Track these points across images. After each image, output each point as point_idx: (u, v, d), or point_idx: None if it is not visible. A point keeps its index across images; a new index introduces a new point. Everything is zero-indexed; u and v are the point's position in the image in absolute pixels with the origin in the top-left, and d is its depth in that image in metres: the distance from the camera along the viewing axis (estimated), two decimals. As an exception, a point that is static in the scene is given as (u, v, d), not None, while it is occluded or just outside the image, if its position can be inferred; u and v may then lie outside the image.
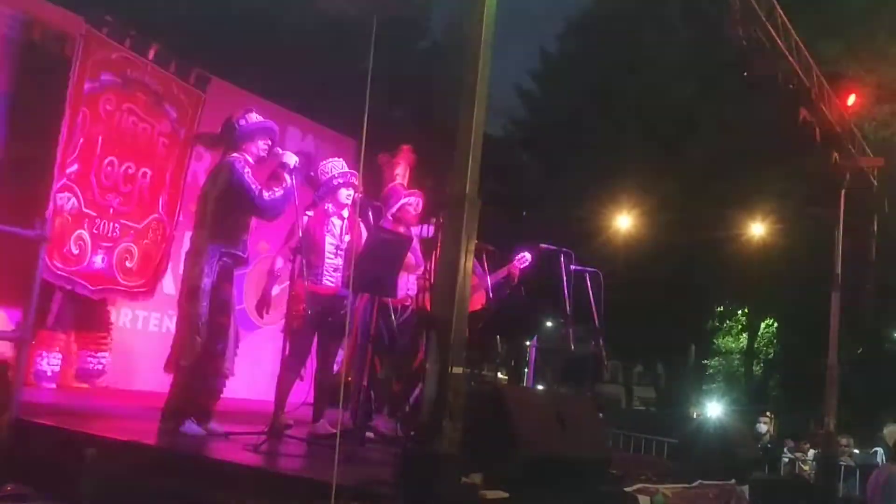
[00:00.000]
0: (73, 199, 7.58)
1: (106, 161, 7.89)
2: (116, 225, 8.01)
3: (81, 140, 7.61)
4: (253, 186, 5.20)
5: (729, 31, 6.84)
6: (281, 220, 5.60)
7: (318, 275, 5.63)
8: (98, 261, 7.85)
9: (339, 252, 5.73)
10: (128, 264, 8.12)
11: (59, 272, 7.49)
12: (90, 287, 7.81)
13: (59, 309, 7.74)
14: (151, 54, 8.14)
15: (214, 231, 5.19)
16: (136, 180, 8.17)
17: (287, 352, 5.49)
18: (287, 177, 5.28)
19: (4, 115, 7.32)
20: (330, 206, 5.77)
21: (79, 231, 7.67)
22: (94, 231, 7.84)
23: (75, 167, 7.58)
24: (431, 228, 4.02)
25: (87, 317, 7.95)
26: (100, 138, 7.79)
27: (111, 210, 7.97)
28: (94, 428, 4.91)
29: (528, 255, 6.99)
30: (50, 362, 7.57)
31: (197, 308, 5.09)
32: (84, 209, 7.70)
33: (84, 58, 7.50)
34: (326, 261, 5.66)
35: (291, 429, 5.35)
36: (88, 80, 7.58)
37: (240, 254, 5.33)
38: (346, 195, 5.77)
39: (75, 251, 7.63)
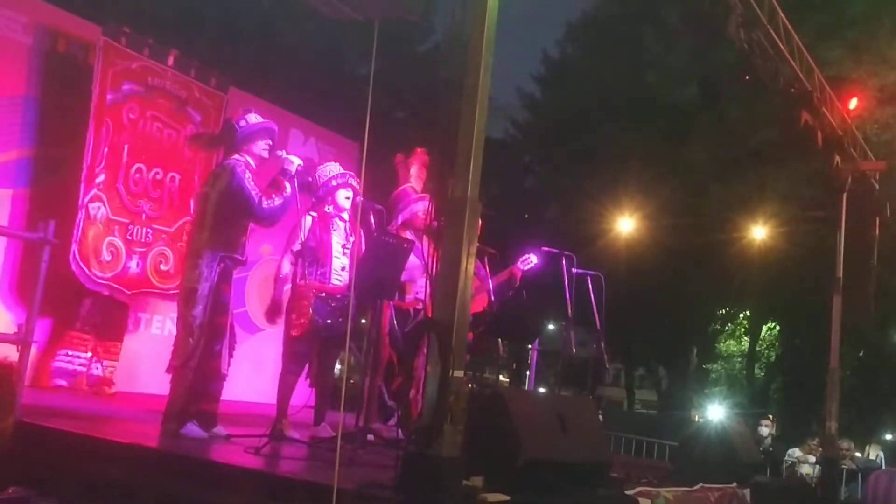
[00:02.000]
0: (102, 208, 7.80)
1: (134, 168, 8.08)
2: (149, 230, 8.23)
3: (106, 150, 7.79)
4: (253, 194, 5.21)
5: (731, 35, 6.84)
6: (284, 222, 5.61)
7: (326, 274, 5.63)
8: (133, 265, 8.06)
9: (345, 251, 5.73)
10: (163, 267, 8.31)
11: (98, 280, 7.73)
12: (126, 291, 8.01)
13: (87, 314, 7.89)
14: (171, 61, 8.31)
15: (214, 235, 5.20)
16: (164, 185, 8.37)
17: (289, 355, 5.50)
18: (287, 184, 5.29)
19: (32, 119, 7.51)
20: (331, 208, 5.77)
21: (109, 238, 7.88)
22: (128, 237, 8.05)
23: (103, 177, 7.79)
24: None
25: (108, 326, 8.04)
26: (126, 147, 7.98)
27: (143, 216, 8.18)
28: (96, 430, 4.92)
29: (533, 258, 6.98)
30: (73, 362, 7.72)
31: (192, 310, 5.10)
32: (112, 217, 7.90)
33: (104, 69, 7.70)
34: (334, 260, 5.67)
35: (292, 433, 5.36)
36: (110, 91, 7.77)
37: (238, 257, 5.35)
38: (344, 196, 5.77)
39: (108, 258, 7.84)
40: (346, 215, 5.82)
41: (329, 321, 5.56)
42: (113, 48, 7.75)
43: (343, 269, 5.68)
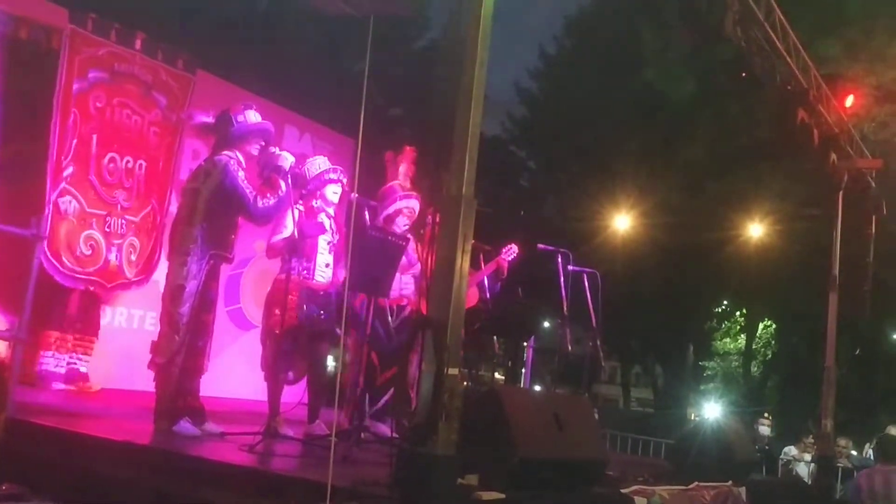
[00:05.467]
0: (74, 202, 7.60)
1: (107, 158, 7.90)
2: (123, 221, 8.08)
3: (75, 141, 7.58)
4: (247, 193, 5.18)
5: (727, 32, 6.82)
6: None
7: (310, 270, 5.58)
8: (112, 258, 7.95)
9: (331, 248, 5.70)
10: (132, 257, 8.16)
11: (76, 275, 7.59)
12: (106, 285, 7.90)
13: (72, 312, 7.76)
14: (138, 44, 8.12)
15: (204, 232, 5.17)
16: (135, 174, 8.20)
17: (273, 353, 5.44)
18: (282, 182, 5.26)
19: None
20: (318, 202, 5.74)
21: (87, 231, 7.72)
22: (106, 229, 7.91)
23: (71, 169, 7.58)
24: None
25: (84, 321, 7.91)
26: (94, 136, 7.78)
27: (119, 206, 8.03)
28: (89, 428, 4.90)
29: (514, 247, 6.93)
30: (58, 364, 7.58)
31: (179, 307, 5.08)
32: (88, 209, 7.73)
33: (70, 57, 7.48)
34: (319, 256, 5.63)
35: (286, 430, 5.34)
36: (77, 80, 7.55)
37: (227, 254, 5.33)
38: (333, 191, 5.75)
39: (87, 252, 7.69)
40: (332, 210, 5.79)
41: (312, 317, 5.52)
42: (79, 35, 7.55)
43: (327, 265, 5.65)
